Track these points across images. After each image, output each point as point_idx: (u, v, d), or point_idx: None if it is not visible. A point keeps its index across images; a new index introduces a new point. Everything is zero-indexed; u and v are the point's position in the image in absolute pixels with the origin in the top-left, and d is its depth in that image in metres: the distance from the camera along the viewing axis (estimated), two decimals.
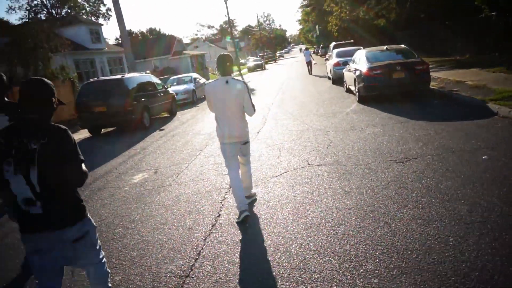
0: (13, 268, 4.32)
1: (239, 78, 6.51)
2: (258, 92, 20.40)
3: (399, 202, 4.46)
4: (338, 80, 17.37)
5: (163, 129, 12.70)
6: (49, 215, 2.39)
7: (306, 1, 64.44)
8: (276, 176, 6.12)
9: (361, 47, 18.38)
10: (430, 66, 11.69)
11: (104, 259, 2.78)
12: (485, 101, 8.74)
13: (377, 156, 6.28)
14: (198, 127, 12.07)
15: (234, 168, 4.87)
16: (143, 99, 13.40)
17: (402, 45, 12.53)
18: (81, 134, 13.71)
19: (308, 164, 6.44)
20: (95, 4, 60.61)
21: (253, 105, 4.80)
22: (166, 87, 16.31)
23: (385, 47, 12.03)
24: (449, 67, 16.49)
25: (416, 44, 19.94)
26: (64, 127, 2.47)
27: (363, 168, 5.79)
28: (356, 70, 11.87)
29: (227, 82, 4.64)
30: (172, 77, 23.83)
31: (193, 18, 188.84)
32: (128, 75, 13.74)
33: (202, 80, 22.71)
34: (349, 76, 13.25)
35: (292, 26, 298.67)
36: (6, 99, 4.03)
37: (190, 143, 9.72)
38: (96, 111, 12.41)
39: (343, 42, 25.72)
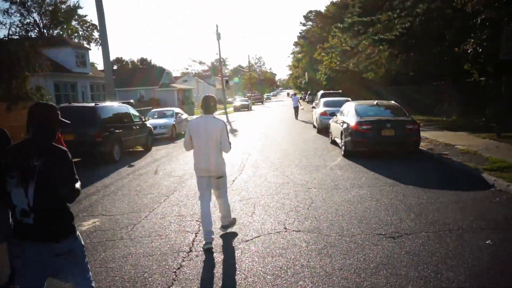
0: None
1: (220, 117, 5.95)
2: (240, 134, 19.73)
3: None
4: (323, 129, 16.86)
5: (132, 165, 11.72)
6: (39, 227, 2.59)
7: (298, 48, 65.86)
8: (246, 241, 5.21)
9: (349, 99, 18.10)
10: None
11: (89, 281, 2.83)
12: (479, 170, 8.16)
13: (363, 226, 5.47)
14: (170, 167, 11.14)
15: (206, 200, 5.20)
16: (116, 131, 12.49)
17: (392, 102, 12.11)
18: None
19: (285, 228, 5.57)
20: (89, 29, 60.72)
21: (229, 143, 5.13)
22: (144, 119, 15.45)
23: (375, 101, 11.58)
24: (437, 128, 16.20)
25: (402, 101, 19.82)
26: (64, 148, 2.72)
27: (347, 241, 4.95)
28: (343, 122, 11.31)
29: (208, 119, 5.11)
30: (153, 110, 23.00)
31: (185, 53, 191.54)
32: (102, 104, 12.87)
33: (184, 116, 21.95)
34: (335, 128, 12.69)
35: (282, 70, 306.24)
36: None
37: (157, 186, 8.77)
38: (63, 139, 11.38)
39: (331, 91, 25.60)
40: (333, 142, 13.62)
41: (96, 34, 61.83)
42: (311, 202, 6.77)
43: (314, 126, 19.71)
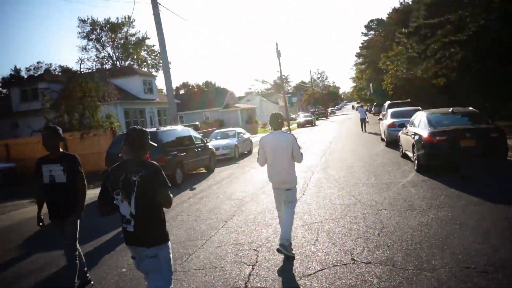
0: None
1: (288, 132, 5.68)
2: (304, 151, 19.10)
3: None
4: (392, 142, 15.74)
5: (194, 188, 11.62)
6: (137, 233, 3.10)
7: (361, 59, 64.14)
8: (308, 275, 4.62)
9: (420, 108, 16.80)
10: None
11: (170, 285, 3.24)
12: None
13: (447, 257, 4.64)
14: (231, 189, 10.85)
15: (281, 209, 5.64)
16: (178, 154, 12.54)
17: (471, 108, 10.85)
18: None
19: (352, 259, 4.90)
20: (156, 58, 64.18)
21: (301, 154, 5.50)
22: (205, 141, 15.49)
23: (450, 109, 10.42)
24: None
25: (479, 106, 17.98)
26: (157, 163, 3.17)
27: (429, 277, 4.17)
28: (415, 134, 10.31)
29: (278, 135, 5.46)
30: (216, 131, 23.19)
31: (248, 73, 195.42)
32: (164, 128, 13.04)
33: (247, 135, 21.84)
34: (406, 140, 11.66)
35: (345, 83, 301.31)
36: (61, 150, 4.66)
37: (216, 210, 8.47)
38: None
39: (399, 101, 24.12)
40: (404, 156, 12.55)
41: None
42: (382, 227, 6.01)
43: (382, 139, 18.54)
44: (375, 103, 54.64)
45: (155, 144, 3.40)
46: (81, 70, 21.22)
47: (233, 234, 6.58)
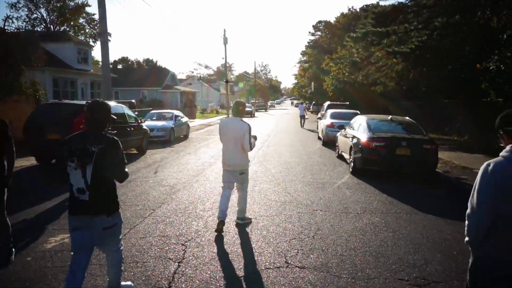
0: None
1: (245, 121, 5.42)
2: None
3: None
4: (329, 142, 15.98)
5: None
6: (92, 203, 3.16)
7: (305, 57, 65.25)
8: (240, 277, 4.29)
9: (358, 112, 17.21)
10: None
11: (122, 248, 3.60)
12: None
13: (381, 266, 4.54)
14: (163, 175, 10.23)
15: (226, 189, 5.93)
16: (107, 131, 11.58)
17: (407, 118, 11.20)
18: (28, 161, 11.67)
19: (286, 262, 4.64)
20: (96, 28, 60.18)
21: (250, 144, 5.72)
22: (140, 121, 14.59)
23: (389, 116, 10.67)
24: (450, 148, 15.28)
25: (411, 117, 18.91)
26: (116, 138, 3.31)
27: (363, 287, 4.02)
28: (353, 137, 10.40)
29: (236, 121, 5.79)
30: (152, 111, 22.09)
31: (191, 56, 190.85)
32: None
33: (185, 119, 21.06)
34: (344, 142, 11.79)
35: (287, 79, 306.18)
36: None
37: (144, 196, 7.85)
38: (47, 138, 10.51)
39: (338, 103, 24.72)
40: (340, 157, 12.72)
41: None
42: (317, 229, 5.84)
43: (319, 138, 18.82)
44: (313, 102, 56.00)
45: (115, 117, 3.56)
46: (6, 28, 19.01)
47: (160, 224, 6.06)
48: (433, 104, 20.96)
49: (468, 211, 2.30)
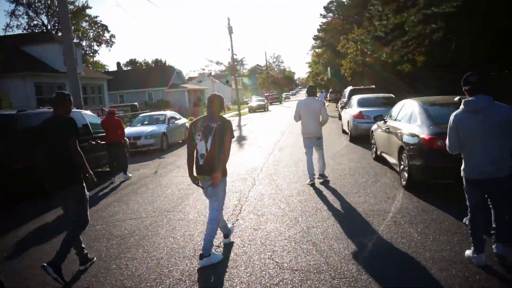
0: None
1: (231, 120, 2.58)
2: (250, 144, 15.37)
3: None
4: (359, 137, 12.45)
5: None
6: (206, 166, 4.39)
7: (318, 42, 61.26)
8: None
9: (393, 96, 13.63)
10: None
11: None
12: None
13: None
14: (127, 210, 6.95)
15: (308, 154, 7.61)
16: None
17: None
18: None
19: None
20: (100, 30, 57.66)
21: (327, 114, 7.66)
22: None
23: (456, 97, 7.05)
24: None
25: (444, 91, 15.19)
26: (228, 119, 4.75)
27: None
28: (403, 132, 6.89)
29: (311, 100, 7.76)
30: (143, 114, 18.81)
31: (202, 54, 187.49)
32: (34, 111, 8.68)
33: (182, 121, 17.74)
34: (385, 139, 8.29)
35: (301, 69, 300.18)
36: None
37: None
38: None
39: (362, 87, 21.04)
40: (377, 159, 9.24)
41: (107, 35, 58.69)
42: None
43: (344, 132, 15.25)
44: (331, 90, 51.82)
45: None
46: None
47: None
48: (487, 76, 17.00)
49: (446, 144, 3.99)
